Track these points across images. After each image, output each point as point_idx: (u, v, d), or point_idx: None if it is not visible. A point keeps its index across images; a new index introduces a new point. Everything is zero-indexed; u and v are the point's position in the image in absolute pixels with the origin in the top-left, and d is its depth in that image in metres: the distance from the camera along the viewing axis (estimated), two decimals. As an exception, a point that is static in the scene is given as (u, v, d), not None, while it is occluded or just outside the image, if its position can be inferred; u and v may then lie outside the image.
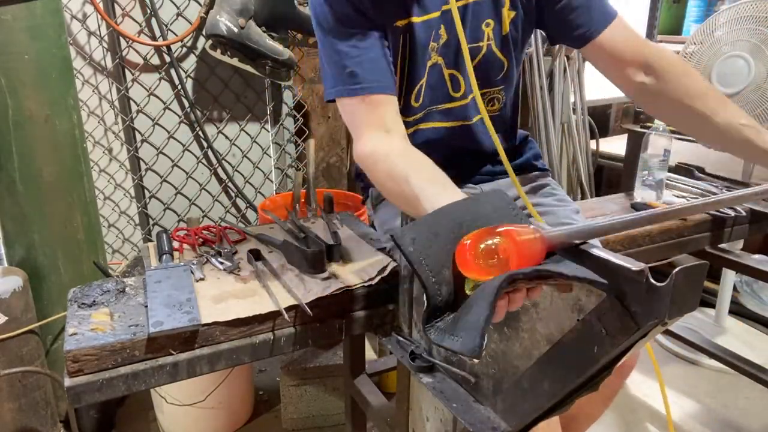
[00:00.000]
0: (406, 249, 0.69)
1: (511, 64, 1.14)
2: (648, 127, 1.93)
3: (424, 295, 0.70)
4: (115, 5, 2.09)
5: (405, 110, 1.12)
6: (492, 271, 0.66)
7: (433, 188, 0.79)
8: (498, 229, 0.68)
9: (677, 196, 1.65)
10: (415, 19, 1.04)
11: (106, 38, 2.10)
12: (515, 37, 1.12)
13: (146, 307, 1.02)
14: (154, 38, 2.18)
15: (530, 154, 1.33)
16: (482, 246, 0.66)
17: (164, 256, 1.19)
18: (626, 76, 1.11)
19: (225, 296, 1.07)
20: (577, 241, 0.69)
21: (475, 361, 0.88)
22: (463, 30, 1.02)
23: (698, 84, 1.07)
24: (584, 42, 1.10)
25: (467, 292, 0.70)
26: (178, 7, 2.19)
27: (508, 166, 1.03)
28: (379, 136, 0.99)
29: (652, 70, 1.08)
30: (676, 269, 0.58)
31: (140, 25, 2.14)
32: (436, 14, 1.06)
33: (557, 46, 2.67)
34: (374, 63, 1.00)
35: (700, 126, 1.08)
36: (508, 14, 1.08)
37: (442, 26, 1.07)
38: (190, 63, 2.29)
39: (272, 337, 1.04)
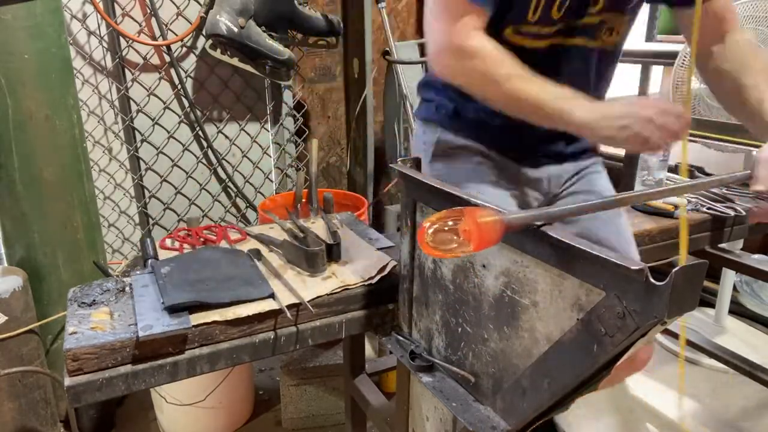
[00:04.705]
0: None
1: None
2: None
3: None
4: (115, 5, 2.09)
5: (544, 19, 1.09)
6: (453, 251, 0.72)
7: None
8: (461, 210, 0.72)
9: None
10: None
11: (106, 38, 2.10)
12: None
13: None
14: (154, 38, 2.18)
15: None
16: (431, 230, 0.72)
17: (149, 261, 1.18)
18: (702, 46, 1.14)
19: (225, 296, 1.07)
20: (538, 224, 0.75)
21: None
22: None
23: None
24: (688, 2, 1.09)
25: None
26: (178, 7, 2.19)
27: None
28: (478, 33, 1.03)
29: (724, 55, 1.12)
30: (676, 268, 0.58)
31: (140, 25, 2.14)
32: None
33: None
34: None
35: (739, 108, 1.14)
36: None
37: None
38: (190, 63, 2.29)
39: (273, 336, 1.04)
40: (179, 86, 2.26)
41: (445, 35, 1.04)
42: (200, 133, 2.34)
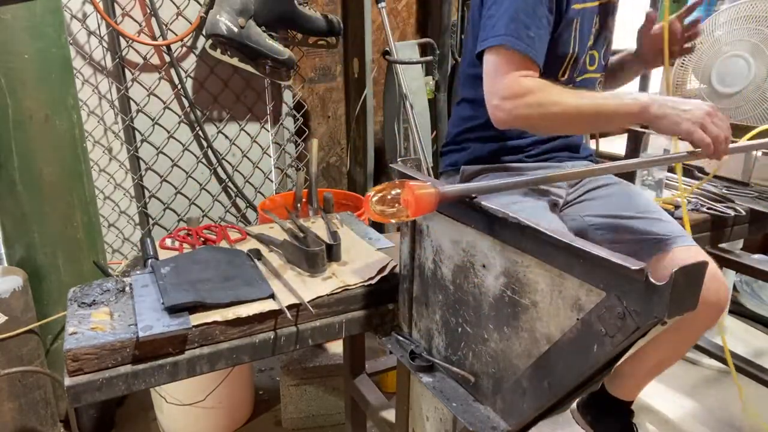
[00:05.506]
0: None
1: None
2: (648, 127, 1.93)
3: None
4: (115, 5, 2.09)
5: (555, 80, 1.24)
6: (394, 216, 0.86)
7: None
8: (401, 182, 0.86)
9: (677, 196, 1.64)
10: (579, 5, 1.24)
11: (106, 38, 2.10)
12: None
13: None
14: (154, 38, 2.18)
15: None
16: (375, 198, 0.86)
17: (149, 261, 1.18)
18: None
19: (225, 296, 1.07)
20: (473, 195, 0.87)
21: None
22: (609, 21, 1.35)
23: None
24: None
25: None
26: (178, 7, 2.19)
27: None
28: (532, 79, 1.15)
29: None
30: (676, 268, 0.58)
31: (140, 25, 2.14)
32: (595, 4, 1.28)
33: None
34: (545, 42, 1.19)
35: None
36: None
37: (596, 17, 1.30)
38: (190, 63, 2.29)
39: (273, 336, 1.04)
40: (179, 86, 2.26)
41: (501, 86, 1.14)
42: (200, 133, 2.34)
